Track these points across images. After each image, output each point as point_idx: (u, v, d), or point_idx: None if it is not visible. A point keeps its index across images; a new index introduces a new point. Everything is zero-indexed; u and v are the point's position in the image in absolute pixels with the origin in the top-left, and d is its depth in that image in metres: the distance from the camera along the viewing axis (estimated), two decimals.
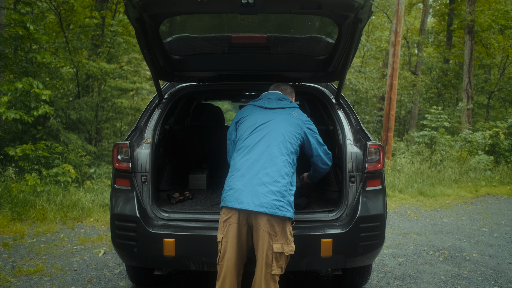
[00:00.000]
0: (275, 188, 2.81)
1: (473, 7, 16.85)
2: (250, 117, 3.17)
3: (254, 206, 2.77)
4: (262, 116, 3.13)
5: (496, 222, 6.80)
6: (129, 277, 3.92)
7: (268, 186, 2.81)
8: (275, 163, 2.89)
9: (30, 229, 5.89)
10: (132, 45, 11.91)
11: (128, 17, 2.99)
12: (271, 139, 2.98)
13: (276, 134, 3.00)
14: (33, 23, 8.75)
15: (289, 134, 3.03)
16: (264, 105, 3.22)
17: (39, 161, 8.44)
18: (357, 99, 20.44)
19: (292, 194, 2.90)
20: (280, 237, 2.82)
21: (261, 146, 2.96)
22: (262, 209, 2.77)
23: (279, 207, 2.79)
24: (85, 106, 10.75)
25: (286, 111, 3.18)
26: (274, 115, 3.13)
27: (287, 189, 2.86)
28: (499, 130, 12.91)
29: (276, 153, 2.92)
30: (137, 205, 3.32)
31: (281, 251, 2.83)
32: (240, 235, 2.88)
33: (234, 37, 3.53)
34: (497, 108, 21.19)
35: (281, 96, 3.31)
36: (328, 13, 3.02)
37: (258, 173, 2.85)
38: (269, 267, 2.83)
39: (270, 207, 2.77)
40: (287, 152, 2.97)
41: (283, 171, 2.88)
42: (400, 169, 10.81)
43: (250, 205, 2.78)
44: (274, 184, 2.82)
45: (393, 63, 11.54)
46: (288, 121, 3.10)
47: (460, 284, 4.21)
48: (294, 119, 3.14)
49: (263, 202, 2.77)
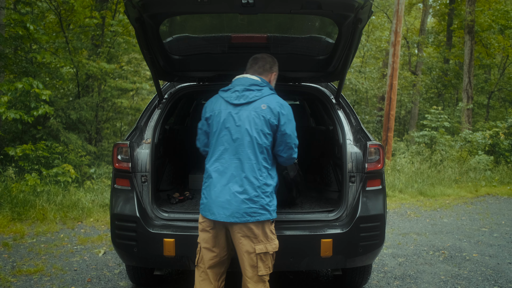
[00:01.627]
0: (245, 196, 2.74)
1: (473, 7, 16.84)
2: (218, 115, 2.87)
3: (225, 217, 2.75)
4: (229, 115, 2.83)
5: (496, 222, 6.80)
6: (129, 277, 3.92)
7: (238, 196, 2.74)
8: (244, 170, 2.76)
9: (30, 229, 5.89)
10: (132, 45, 11.90)
11: (128, 17, 3.00)
12: (239, 144, 2.79)
13: (244, 137, 2.78)
14: (33, 23, 8.74)
15: (258, 133, 2.79)
16: (231, 100, 2.86)
17: (39, 161, 8.43)
18: (357, 99, 20.44)
19: (268, 194, 2.80)
20: (262, 238, 2.80)
21: (229, 153, 2.80)
22: (234, 219, 2.74)
23: (251, 213, 2.74)
24: (85, 106, 10.75)
25: (254, 105, 2.82)
26: (242, 113, 2.81)
27: (259, 194, 2.76)
28: (499, 130, 12.91)
29: (245, 158, 2.77)
30: (137, 205, 3.32)
31: (265, 251, 2.80)
32: (217, 239, 2.88)
33: (234, 37, 3.53)
34: (497, 108, 21.19)
35: (252, 82, 2.90)
36: (328, 13, 3.03)
37: (228, 182, 2.78)
38: (255, 269, 2.81)
39: (241, 216, 2.73)
40: (258, 152, 2.79)
41: (253, 176, 2.76)
42: (400, 169, 10.80)
43: (222, 216, 2.76)
44: (244, 192, 2.75)
45: (393, 63, 11.54)
46: (256, 119, 2.79)
47: (460, 284, 4.21)
48: (263, 113, 2.79)
49: (234, 212, 2.73)
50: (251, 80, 2.91)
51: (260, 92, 2.86)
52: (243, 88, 2.88)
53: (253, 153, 2.78)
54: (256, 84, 2.89)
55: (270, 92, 2.90)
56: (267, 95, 2.86)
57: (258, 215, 2.76)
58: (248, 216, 2.74)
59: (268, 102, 2.82)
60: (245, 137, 2.78)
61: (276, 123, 2.81)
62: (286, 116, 2.84)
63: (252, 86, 2.88)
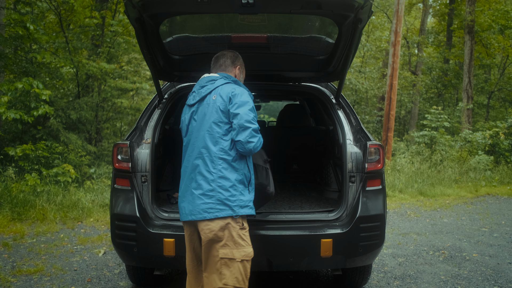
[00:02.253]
0: (199, 192, 2.67)
1: (473, 7, 16.84)
2: (184, 121, 2.91)
3: (186, 215, 2.74)
4: (188, 115, 2.87)
5: (496, 222, 6.80)
6: (129, 277, 3.92)
7: (194, 192, 2.69)
8: (199, 164, 2.70)
9: (30, 229, 5.89)
10: (132, 45, 11.90)
11: (128, 17, 3.00)
12: (195, 140, 2.76)
13: (199, 132, 2.74)
14: (33, 23, 8.74)
15: (210, 125, 2.71)
16: (189, 102, 2.90)
17: (39, 161, 8.43)
18: (357, 99, 20.43)
19: (228, 188, 2.64)
20: (227, 241, 2.63)
21: (189, 150, 2.80)
22: (192, 216, 2.69)
23: (207, 209, 2.63)
24: (85, 106, 10.75)
25: (207, 99, 2.78)
26: (199, 110, 2.79)
27: (213, 188, 2.63)
28: (499, 130, 12.91)
29: (200, 153, 2.70)
30: (137, 205, 3.32)
31: (231, 257, 2.61)
32: (191, 242, 2.87)
33: (234, 37, 3.53)
34: (497, 108, 21.18)
35: (209, 79, 2.87)
36: (328, 13, 3.03)
37: (187, 181, 2.76)
38: (219, 276, 2.63)
39: (198, 213, 2.66)
40: (211, 144, 2.69)
41: (206, 169, 2.66)
42: (400, 169, 10.80)
43: (184, 216, 2.76)
44: (198, 188, 2.68)
45: (393, 63, 11.54)
46: (210, 111, 2.73)
47: (460, 284, 4.21)
48: (215, 103, 2.73)
49: (192, 210, 2.69)
50: (209, 77, 2.88)
51: (212, 85, 2.81)
52: (199, 87, 2.87)
53: (206, 146, 2.70)
54: (212, 79, 2.85)
55: (223, 82, 2.82)
56: (220, 85, 2.79)
57: (216, 211, 2.62)
58: (205, 213, 2.64)
59: (219, 91, 2.76)
60: (200, 132, 2.74)
61: (229, 107, 2.70)
62: (237, 97, 2.71)
63: (208, 82, 2.85)
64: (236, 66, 2.98)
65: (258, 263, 3.21)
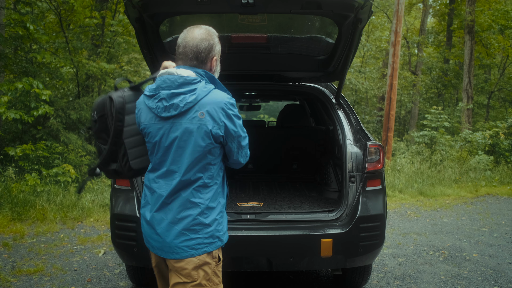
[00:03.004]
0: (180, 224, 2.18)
1: (473, 7, 16.84)
2: (148, 128, 2.17)
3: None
4: (160, 131, 2.14)
5: (496, 222, 6.80)
6: (129, 277, 3.92)
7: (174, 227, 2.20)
8: (174, 202, 2.16)
9: (30, 229, 5.89)
10: (132, 45, 11.90)
11: (128, 17, 3.00)
12: (174, 167, 2.14)
13: (181, 158, 2.13)
14: (33, 23, 8.74)
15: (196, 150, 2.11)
16: (158, 113, 2.12)
17: (39, 161, 8.43)
18: (357, 99, 20.45)
19: (205, 218, 2.16)
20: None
21: (162, 179, 2.17)
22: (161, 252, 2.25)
23: (194, 246, 2.17)
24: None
25: (188, 116, 2.09)
26: (173, 128, 2.11)
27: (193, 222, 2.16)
28: (499, 130, 12.91)
29: (177, 187, 2.14)
30: (137, 205, 3.32)
31: None
32: (162, 272, 2.44)
33: (234, 37, 3.53)
34: (497, 108, 21.19)
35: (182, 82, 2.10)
36: (328, 13, 3.03)
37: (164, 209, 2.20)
38: None
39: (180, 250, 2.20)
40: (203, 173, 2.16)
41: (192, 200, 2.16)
42: (400, 169, 10.80)
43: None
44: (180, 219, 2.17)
45: (393, 63, 11.55)
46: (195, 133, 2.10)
47: (460, 284, 4.21)
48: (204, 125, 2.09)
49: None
50: (181, 79, 2.11)
51: (192, 95, 2.09)
52: (169, 93, 2.10)
53: (190, 179, 2.16)
54: (187, 82, 2.10)
55: (204, 87, 2.12)
56: (203, 96, 2.09)
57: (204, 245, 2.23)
58: (192, 250, 2.23)
59: (206, 107, 2.09)
60: (182, 158, 2.14)
61: (222, 134, 2.13)
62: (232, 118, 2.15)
63: (183, 86, 2.10)
64: (213, 57, 2.21)
65: (258, 263, 3.21)
